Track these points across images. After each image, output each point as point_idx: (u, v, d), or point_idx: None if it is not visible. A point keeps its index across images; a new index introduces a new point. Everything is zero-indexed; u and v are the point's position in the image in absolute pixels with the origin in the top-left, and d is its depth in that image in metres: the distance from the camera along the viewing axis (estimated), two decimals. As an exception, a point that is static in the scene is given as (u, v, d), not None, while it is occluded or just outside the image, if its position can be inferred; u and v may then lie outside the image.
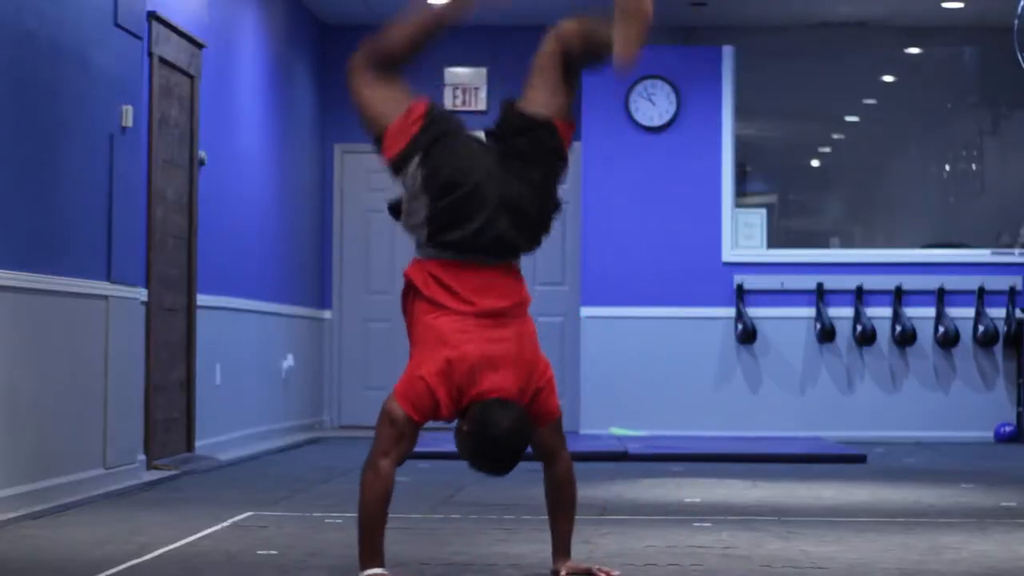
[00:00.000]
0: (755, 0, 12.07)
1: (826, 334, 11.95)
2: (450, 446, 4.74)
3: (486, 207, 4.45)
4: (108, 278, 7.46)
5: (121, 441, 7.61)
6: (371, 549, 4.33)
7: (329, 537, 5.56)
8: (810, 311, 12.06)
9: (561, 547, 4.57)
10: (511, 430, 4.28)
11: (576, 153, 12.26)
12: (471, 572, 4.76)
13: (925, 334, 12.01)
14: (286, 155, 11.78)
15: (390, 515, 4.33)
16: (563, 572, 4.54)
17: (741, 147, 12.53)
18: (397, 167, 4.59)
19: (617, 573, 4.56)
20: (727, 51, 12.27)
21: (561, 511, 4.55)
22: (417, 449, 10.03)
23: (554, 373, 4.57)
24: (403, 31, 4.75)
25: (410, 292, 4.52)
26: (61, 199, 6.94)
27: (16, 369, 6.39)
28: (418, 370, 4.37)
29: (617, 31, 4.64)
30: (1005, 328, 11.91)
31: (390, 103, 4.90)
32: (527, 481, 7.82)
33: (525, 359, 4.43)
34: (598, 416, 11.72)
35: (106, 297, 7.42)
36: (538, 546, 5.36)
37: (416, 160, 4.58)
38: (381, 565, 4.33)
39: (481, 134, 4.75)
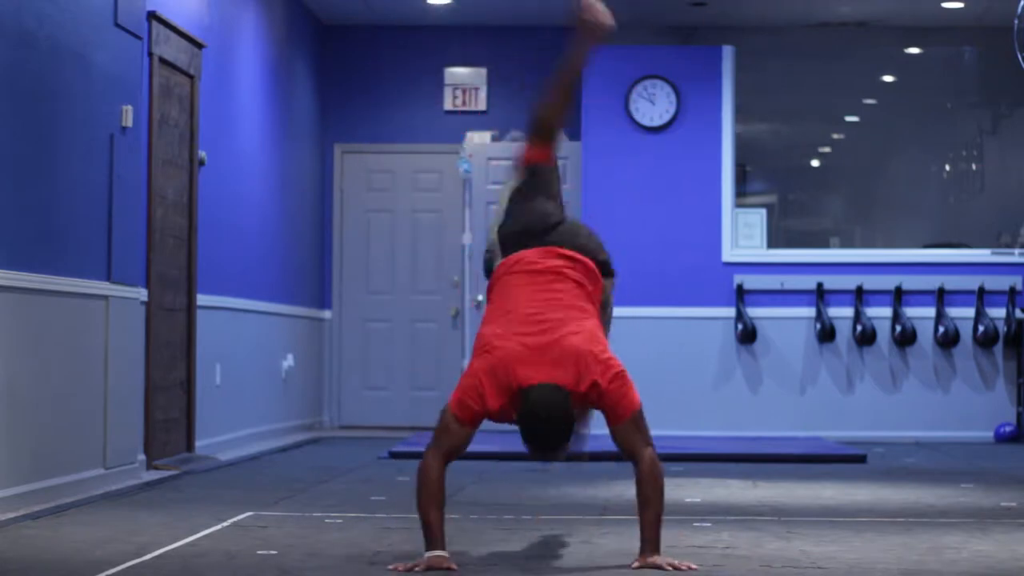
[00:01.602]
0: (755, 0, 12.07)
1: (826, 334, 11.95)
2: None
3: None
4: (108, 278, 7.46)
5: (121, 441, 7.61)
6: (428, 535, 4.75)
7: (329, 537, 5.56)
8: (810, 311, 12.06)
9: (643, 537, 4.75)
10: (543, 405, 4.60)
11: (576, 153, 12.26)
12: (471, 572, 4.76)
13: (925, 334, 12.01)
14: (286, 155, 11.78)
15: (395, 515, 4.35)
16: (634, 565, 4.73)
17: (741, 147, 12.53)
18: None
19: (688, 565, 4.71)
20: (727, 51, 12.27)
21: (642, 506, 4.75)
22: (418, 449, 9.98)
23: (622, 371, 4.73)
24: (549, 102, 5.17)
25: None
26: (61, 199, 6.95)
27: (16, 369, 6.40)
28: (466, 376, 4.77)
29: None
30: (1005, 328, 11.91)
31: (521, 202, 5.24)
32: (527, 481, 7.82)
33: (571, 350, 4.69)
34: (598, 416, 11.70)
35: (106, 297, 7.42)
36: (539, 546, 5.36)
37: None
38: (441, 548, 4.71)
39: None
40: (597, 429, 5.22)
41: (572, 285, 4.90)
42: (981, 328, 11.92)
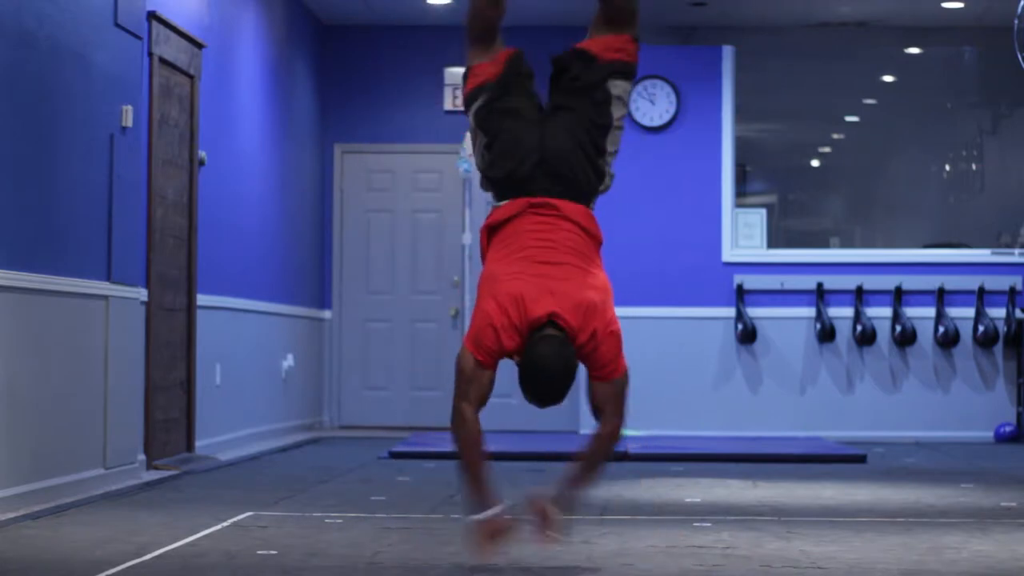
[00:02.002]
0: (755, 0, 12.07)
1: (826, 334, 11.95)
2: (451, 446, 4.78)
3: (528, 149, 4.85)
4: (108, 278, 7.46)
5: (121, 441, 7.61)
6: (480, 491, 4.64)
7: (329, 537, 5.56)
8: (810, 311, 12.06)
9: (559, 484, 4.77)
10: (547, 356, 4.55)
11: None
12: (471, 572, 4.76)
13: (925, 334, 12.01)
14: (286, 155, 11.78)
15: (395, 515, 4.33)
16: (525, 497, 4.77)
17: (741, 147, 12.53)
18: (467, 102, 5.15)
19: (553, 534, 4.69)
20: (727, 51, 12.27)
21: (579, 460, 4.79)
22: (418, 449, 9.97)
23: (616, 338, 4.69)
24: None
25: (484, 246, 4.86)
26: (61, 199, 6.95)
27: (16, 369, 6.40)
28: (478, 313, 4.65)
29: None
30: (1005, 328, 11.91)
31: (483, 55, 5.49)
32: (527, 481, 7.82)
33: (581, 298, 4.63)
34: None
35: (106, 297, 7.42)
36: (539, 546, 5.35)
37: (481, 99, 5.11)
38: (497, 503, 4.63)
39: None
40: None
41: (572, 234, 4.78)
42: (981, 328, 11.92)
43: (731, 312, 12.06)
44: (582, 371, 4.72)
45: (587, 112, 4.86)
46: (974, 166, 13.35)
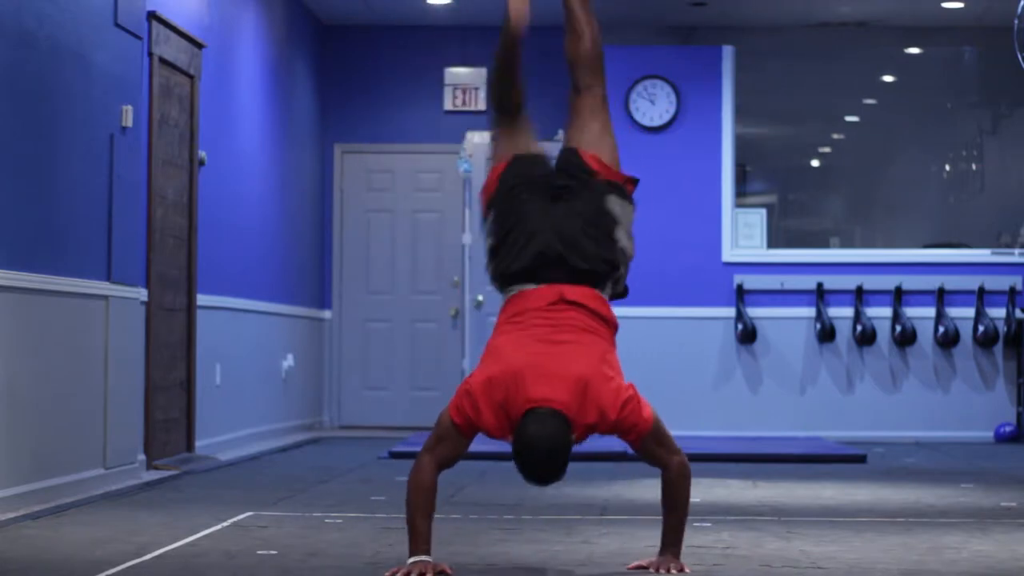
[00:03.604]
0: (755, 0, 12.07)
1: (826, 334, 11.95)
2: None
3: (538, 237, 4.70)
4: (108, 278, 7.46)
5: (121, 441, 7.61)
6: (414, 537, 4.53)
7: (329, 537, 5.56)
8: (810, 311, 12.06)
9: (664, 542, 4.74)
10: (540, 438, 4.43)
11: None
12: (471, 572, 4.76)
13: (925, 334, 12.01)
14: (286, 155, 11.78)
15: (395, 515, 4.34)
16: (629, 566, 4.74)
17: (741, 147, 12.53)
18: (483, 217, 4.91)
19: (680, 568, 4.66)
20: (727, 51, 12.27)
21: (666, 509, 4.75)
22: (418, 449, 10.04)
23: (631, 392, 4.60)
24: (495, 67, 5.07)
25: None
26: (61, 199, 6.95)
27: (16, 369, 6.40)
28: (471, 379, 4.58)
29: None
30: (1005, 328, 11.91)
31: (504, 148, 5.07)
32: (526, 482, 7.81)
33: (578, 377, 4.50)
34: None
35: (106, 297, 7.42)
36: (539, 546, 5.36)
37: (491, 215, 4.82)
38: (426, 553, 4.50)
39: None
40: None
41: (583, 313, 4.68)
42: (981, 328, 11.92)
43: (731, 312, 12.06)
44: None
45: (593, 205, 4.86)
46: (974, 166, 13.35)
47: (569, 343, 4.58)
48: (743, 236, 12.19)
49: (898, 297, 12.00)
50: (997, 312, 11.98)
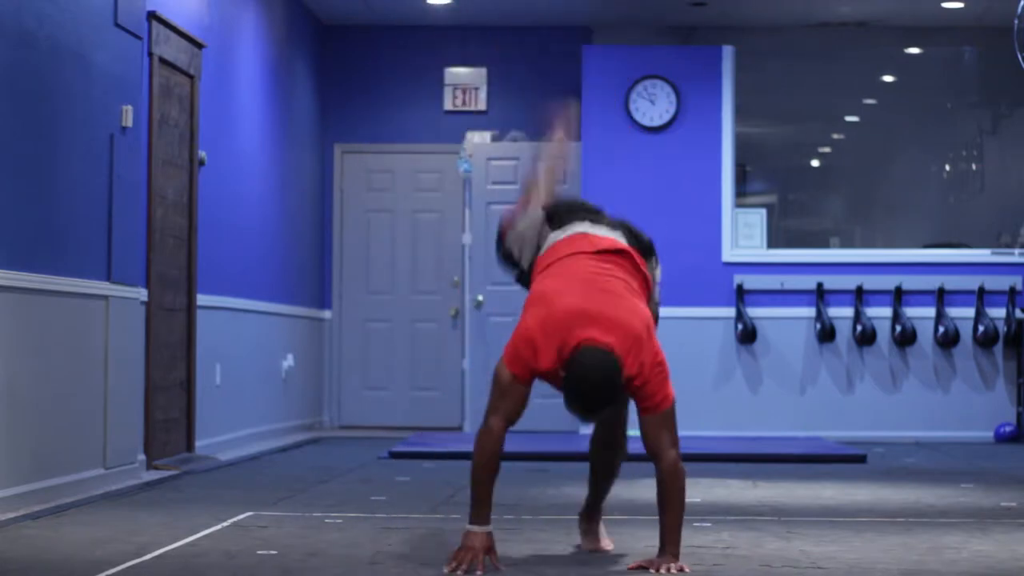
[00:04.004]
0: (755, 0, 12.07)
1: (826, 334, 11.95)
2: (451, 446, 4.79)
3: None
4: (108, 278, 7.46)
5: (121, 441, 7.61)
6: (477, 504, 4.64)
7: (329, 537, 5.56)
8: (810, 311, 12.06)
9: (662, 541, 4.74)
10: (594, 367, 4.51)
11: (576, 153, 12.27)
12: (471, 572, 4.75)
13: (925, 334, 12.01)
14: (286, 155, 11.78)
15: (395, 515, 4.33)
16: (631, 566, 4.76)
17: (741, 147, 12.53)
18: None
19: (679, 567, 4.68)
20: (727, 51, 12.27)
21: (661, 509, 4.74)
22: (418, 449, 9.96)
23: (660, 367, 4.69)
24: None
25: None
26: (61, 199, 6.95)
27: (16, 369, 6.40)
28: (520, 327, 4.65)
29: None
30: (1005, 328, 11.91)
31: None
32: (527, 482, 7.82)
33: (630, 328, 4.63)
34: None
35: (106, 297, 7.42)
36: (539, 546, 5.36)
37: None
38: (486, 522, 4.62)
39: None
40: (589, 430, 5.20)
41: (625, 272, 4.86)
42: (981, 328, 11.92)
43: (731, 312, 12.06)
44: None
45: None
46: (974, 166, 13.35)
47: (618, 294, 4.71)
48: (743, 236, 12.19)
49: (898, 297, 12.00)
50: (997, 312, 11.98)
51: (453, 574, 4.56)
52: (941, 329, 11.95)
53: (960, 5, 12.15)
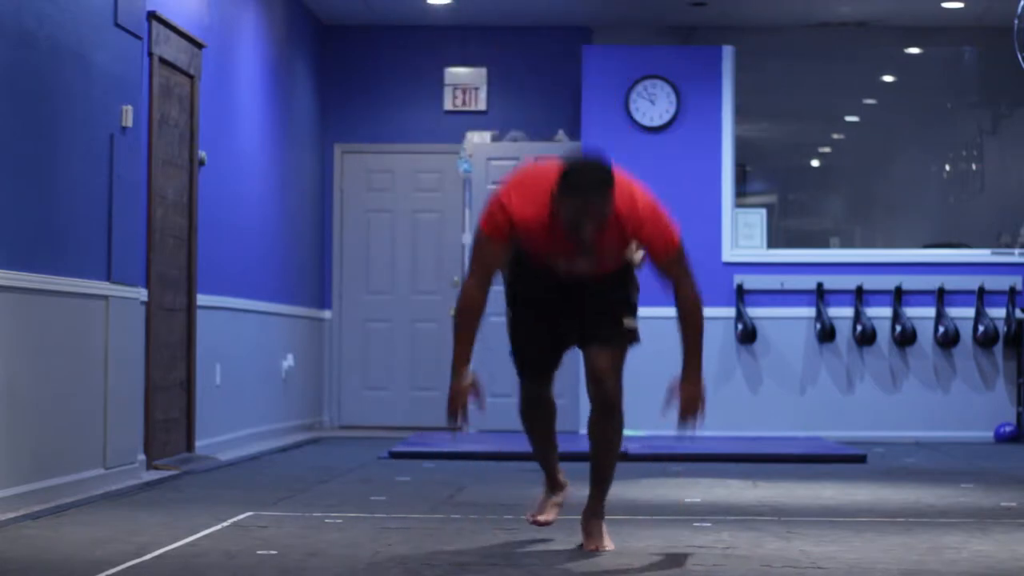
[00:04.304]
0: (755, 0, 12.06)
1: (826, 334, 11.95)
2: (451, 446, 4.83)
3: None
4: (108, 278, 7.46)
5: (121, 441, 7.61)
6: (456, 353, 4.93)
7: (329, 537, 5.56)
8: (810, 311, 12.06)
9: (686, 363, 5.41)
10: (589, 158, 4.80)
11: (575, 152, 12.25)
12: (471, 572, 4.76)
13: (925, 334, 12.01)
14: (286, 155, 11.78)
15: (395, 515, 4.34)
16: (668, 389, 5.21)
17: (741, 147, 12.53)
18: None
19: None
20: (727, 51, 12.27)
21: (686, 330, 5.37)
22: (418, 449, 9.95)
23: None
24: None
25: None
26: (61, 199, 6.95)
27: (16, 369, 6.40)
28: (492, 196, 4.93)
29: None
30: (1005, 328, 11.91)
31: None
32: (527, 482, 7.82)
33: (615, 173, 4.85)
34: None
35: (106, 297, 7.42)
36: (539, 546, 5.36)
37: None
38: (465, 366, 4.91)
39: None
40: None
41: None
42: (981, 328, 11.91)
43: (731, 312, 12.06)
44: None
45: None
46: (974, 166, 13.35)
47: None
48: (743, 236, 12.19)
49: (898, 297, 12.00)
50: (997, 312, 11.98)
51: (458, 430, 4.92)
52: (941, 329, 11.95)
53: (960, 5, 12.15)
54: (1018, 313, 11.92)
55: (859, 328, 11.95)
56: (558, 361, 5.20)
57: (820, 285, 12.04)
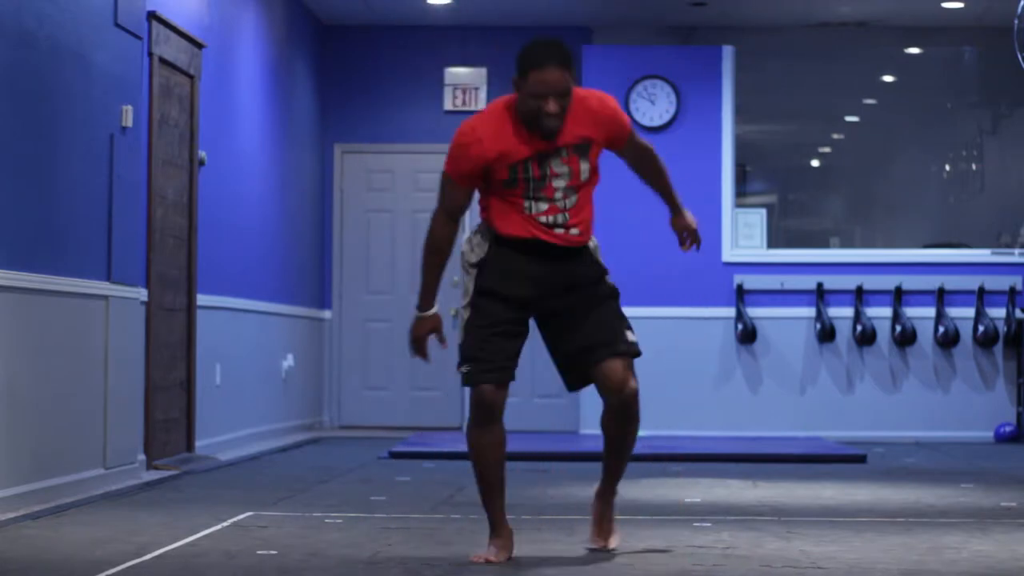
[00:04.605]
0: (755, 0, 12.07)
1: (826, 334, 11.95)
2: (451, 446, 4.80)
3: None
4: (108, 278, 7.46)
5: (121, 441, 7.61)
6: (423, 290, 5.14)
7: (329, 537, 5.56)
8: (810, 311, 12.06)
9: (673, 203, 5.53)
10: (542, 37, 5.04)
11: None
12: (471, 572, 4.76)
13: (925, 334, 12.01)
14: (286, 155, 11.78)
15: (395, 515, 4.34)
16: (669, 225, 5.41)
17: (741, 147, 12.53)
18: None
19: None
20: (727, 51, 12.27)
21: (661, 180, 5.50)
22: (418, 449, 9.98)
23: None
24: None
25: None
26: (61, 199, 6.95)
27: (16, 369, 6.40)
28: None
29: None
30: (1005, 328, 11.91)
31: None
32: (527, 482, 7.82)
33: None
34: (598, 416, 11.69)
35: (106, 297, 7.42)
36: (539, 546, 5.36)
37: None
38: (430, 307, 5.19)
39: None
40: (596, 429, 5.20)
41: None
42: (981, 328, 11.91)
43: (731, 312, 12.06)
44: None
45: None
46: (974, 166, 13.35)
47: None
48: (743, 236, 12.19)
49: (898, 297, 12.00)
50: (997, 312, 11.98)
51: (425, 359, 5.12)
52: (941, 329, 11.95)
53: (960, 5, 12.15)
54: (1018, 313, 11.92)
55: (859, 328, 11.95)
56: (515, 367, 5.06)
57: (820, 285, 12.04)
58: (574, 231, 4.98)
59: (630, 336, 5.10)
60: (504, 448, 5.14)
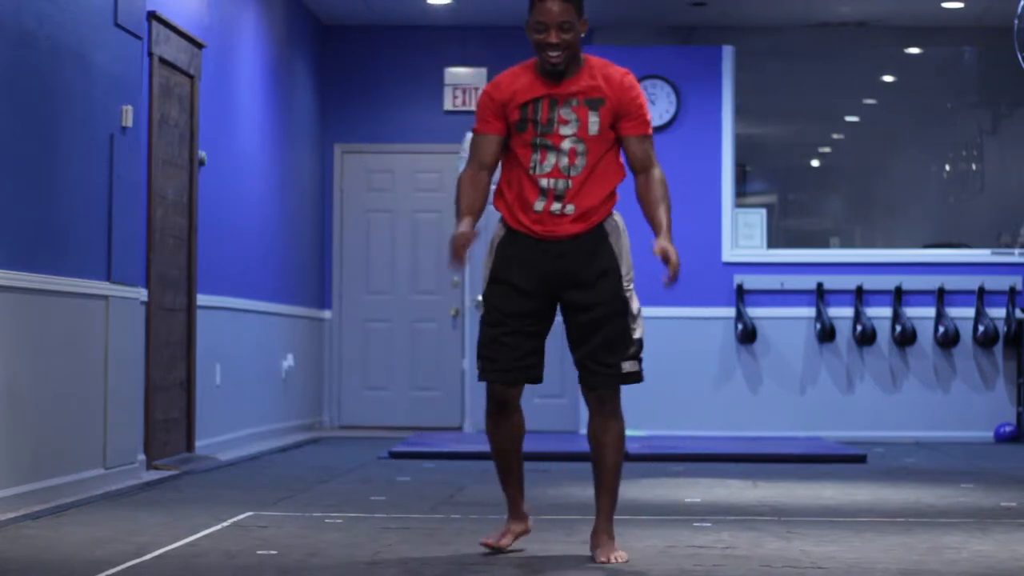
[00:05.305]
0: (755, 0, 12.07)
1: (826, 334, 11.95)
2: (451, 446, 4.80)
3: None
4: (108, 278, 7.47)
5: (121, 441, 7.61)
6: (459, 214, 5.01)
7: (329, 537, 5.56)
8: (810, 311, 12.06)
9: (665, 233, 5.39)
10: None
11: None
12: (471, 572, 4.76)
13: (925, 334, 12.01)
14: (286, 155, 11.78)
15: (395, 515, 4.33)
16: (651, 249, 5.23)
17: (741, 147, 12.53)
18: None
19: None
20: (727, 51, 12.27)
21: (655, 204, 5.35)
22: (418, 449, 9.97)
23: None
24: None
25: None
26: (61, 199, 6.95)
27: (16, 369, 6.40)
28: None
29: None
30: (1005, 328, 11.91)
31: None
32: (527, 482, 7.82)
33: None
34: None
35: (106, 297, 7.42)
36: (539, 546, 5.36)
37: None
38: (466, 224, 4.96)
39: None
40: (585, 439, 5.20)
41: None
42: (981, 328, 11.92)
43: (731, 312, 12.06)
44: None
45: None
46: (974, 166, 13.36)
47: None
48: (743, 236, 12.19)
49: (898, 297, 12.00)
50: (997, 312, 11.98)
51: (460, 267, 5.02)
52: (941, 329, 11.95)
53: (960, 5, 12.15)
54: (1018, 313, 11.92)
55: (859, 328, 11.95)
56: (538, 366, 5.00)
57: (820, 285, 12.04)
58: (570, 208, 4.96)
59: (628, 366, 5.02)
60: (520, 436, 5.10)
